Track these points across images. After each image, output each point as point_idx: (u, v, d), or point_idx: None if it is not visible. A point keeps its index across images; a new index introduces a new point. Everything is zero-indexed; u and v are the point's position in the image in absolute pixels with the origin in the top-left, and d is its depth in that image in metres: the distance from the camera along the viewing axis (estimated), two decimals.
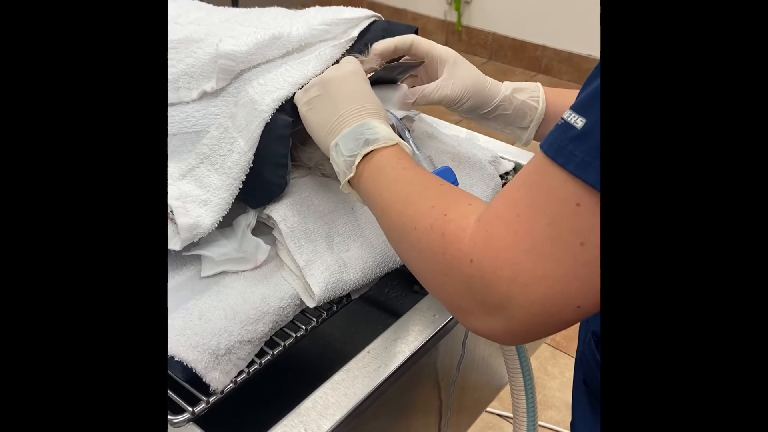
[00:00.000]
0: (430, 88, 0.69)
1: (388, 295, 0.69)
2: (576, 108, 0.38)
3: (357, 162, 0.55)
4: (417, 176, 0.52)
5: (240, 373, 0.58)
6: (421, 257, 0.47)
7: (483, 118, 0.74)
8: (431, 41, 0.72)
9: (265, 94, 0.63)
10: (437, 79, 0.70)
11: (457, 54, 0.72)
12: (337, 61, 0.69)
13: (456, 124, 0.97)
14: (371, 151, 0.55)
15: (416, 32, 0.80)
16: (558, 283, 0.38)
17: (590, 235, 0.37)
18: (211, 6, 0.86)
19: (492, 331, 0.43)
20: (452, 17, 3.02)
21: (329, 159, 0.59)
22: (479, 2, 2.93)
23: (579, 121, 0.37)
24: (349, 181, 0.57)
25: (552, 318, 0.40)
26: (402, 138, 0.67)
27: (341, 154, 0.56)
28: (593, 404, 0.60)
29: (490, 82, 0.73)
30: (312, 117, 0.61)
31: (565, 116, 0.38)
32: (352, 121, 0.57)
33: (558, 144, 0.38)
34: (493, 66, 2.95)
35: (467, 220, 0.43)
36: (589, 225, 0.37)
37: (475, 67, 0.72)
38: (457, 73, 0.70)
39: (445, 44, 2.70)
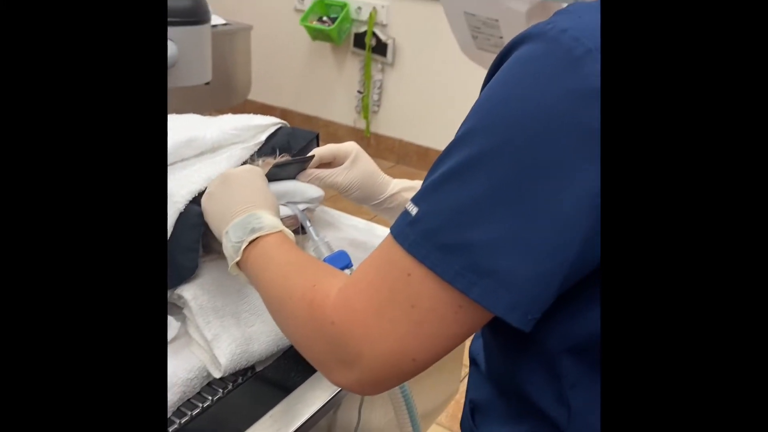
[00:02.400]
0: (323, 174, 0.81)
1: (292, 366, 0.75)
2: (413, 199, 0.47)
3: (243, 247, 0.63)
4: (295, 256, 0.61)
5: None
6: (295, 323, 0.54)
7: (374, 208, 0.85)
8: (336, 144, 0.84)
9: (180, 188, 0.72)
10: None
11: (360, 149, 0.84)
12: (245, 162, 0.80)
13: (371, 220, 1.09)
14: (257, 238, 0.63)
15: (317, 137, 0.93)
16: (397, 340, 0.46)
17: (419, 299, 0.45)
18: None
19: (349, 382, 0.50)
20: (361, 125, 3.26)
21: None
22: (385, 112, 3.19)
23: (413, 210, 0.46)
24: (238, 264, 0.64)
25: (394, 369, 0.48)
26: (303, 226, 0.78)
27: (230, 241, 0.64)
28: None
29: (383, 178, 0.85)
30: (209, 207, 0.69)
31: (406, 206, 0.48)
32: (242, 213, 0.65)
33: (399, 227, 0.47)
34: (400, 170, 3.17)
35: (331, 289, 0.51)
36: (418, 291, 0.45)
37: (372, 162, 0.84)
38: (354, 166, 0.82)
39: None
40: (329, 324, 0.49)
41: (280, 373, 0.73)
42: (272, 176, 0.77)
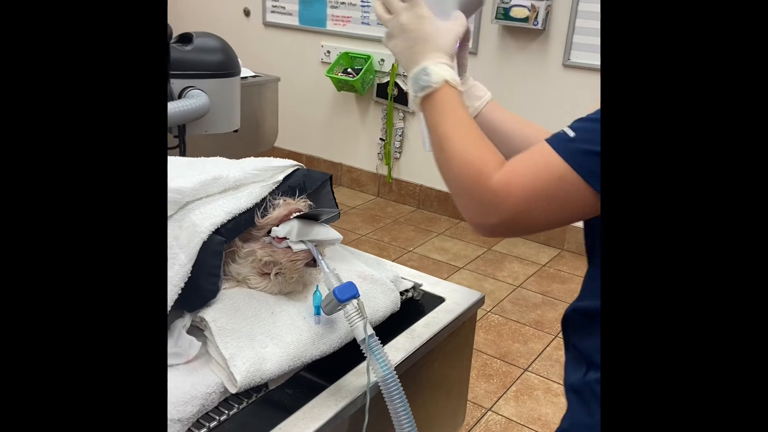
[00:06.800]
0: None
1: (302, 385, 0.82)
2: (571, 125, 0.65)
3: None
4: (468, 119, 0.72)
5: None
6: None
7: None
8: None
9: (204, 220, 0.81)
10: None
11: None
12: (264, 198, 0.88)
13: (387, 259, 1.16)
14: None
15: (330, 179, 1.01)
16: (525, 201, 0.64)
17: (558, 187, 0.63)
18: None
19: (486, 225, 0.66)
20: (383, 171, 3.36)
21: (254, 274, 0.74)
22: (407, 159, 3.30)
23: (571, 133, 0.64)
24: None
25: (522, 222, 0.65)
26: (316, 259, 0.84)
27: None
28: None
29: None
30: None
31: (564, 128, 0.65)
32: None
33: (556, 140, 0.65)
34: (421, 214, 3.24)
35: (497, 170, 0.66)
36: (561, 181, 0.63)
37: None
38: None
39: (377, 194, 3.03)
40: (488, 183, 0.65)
41: (291, 391, 0.79)
42: (303, 216, 0.85)
